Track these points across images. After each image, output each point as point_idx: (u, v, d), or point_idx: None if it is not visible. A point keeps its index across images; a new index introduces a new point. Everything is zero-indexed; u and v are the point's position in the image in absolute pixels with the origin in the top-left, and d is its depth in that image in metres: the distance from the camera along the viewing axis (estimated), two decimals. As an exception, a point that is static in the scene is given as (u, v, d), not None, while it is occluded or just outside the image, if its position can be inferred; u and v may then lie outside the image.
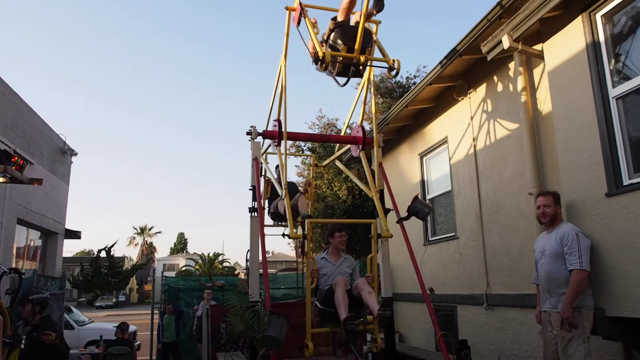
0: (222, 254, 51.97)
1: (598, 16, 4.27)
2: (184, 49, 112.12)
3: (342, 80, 5.61)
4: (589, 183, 4.23)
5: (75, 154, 12.94)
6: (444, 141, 7.55)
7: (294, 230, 5.41)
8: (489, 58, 5.39)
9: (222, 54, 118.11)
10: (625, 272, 3.85)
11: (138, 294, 58.82)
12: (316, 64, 5.11)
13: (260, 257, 5.96)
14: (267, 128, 6.64)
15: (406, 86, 18.20)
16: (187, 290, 11.88)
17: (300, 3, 5.37)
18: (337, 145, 8.03)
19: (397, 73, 5.37)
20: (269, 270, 6.16)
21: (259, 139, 6.42)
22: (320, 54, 4.88)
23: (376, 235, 5.56)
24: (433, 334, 7.31)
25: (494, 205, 6.24)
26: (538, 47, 5.06)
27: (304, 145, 18.36)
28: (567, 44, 4.53)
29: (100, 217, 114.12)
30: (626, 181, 3.94)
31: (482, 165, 6.54)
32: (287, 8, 5.88)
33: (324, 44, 5.40)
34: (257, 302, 5.58)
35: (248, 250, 6.21)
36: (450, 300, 7.24)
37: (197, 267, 45.64)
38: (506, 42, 4.89)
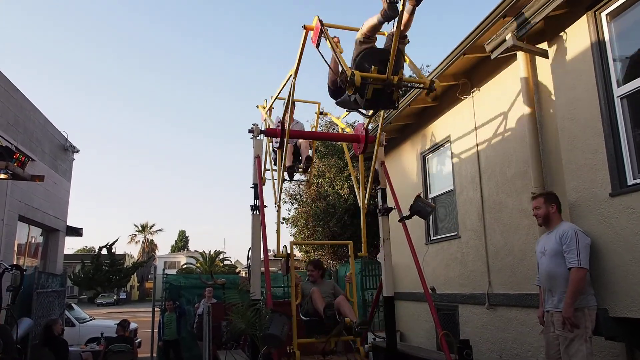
0: (223, 252, 52.06)
1: (603, 15, 4.25)
2: (185, 45, 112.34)
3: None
4: (593, 183, 4.21)
5: (77, 151, 12.92)
6: (447, 140, 7.53)
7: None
8: (492, 57, 5.37)
9: (224, 50, 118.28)
10: (629, 272, 3.84)
11: (139, 292, 58.91)
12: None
13: (262, 256, 5.96)
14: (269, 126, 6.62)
15: (409, 85, 18.15)
16: (188, 288, 11.88)
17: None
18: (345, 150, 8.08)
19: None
20: (270, 269, 6.16)
21: (261, 136, 6.41)
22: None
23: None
24: (434, 333, 7.29)
25: (496, 205, 6.22)
26: (542, 45, 5.03)
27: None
28: (572, 42, 4.51)
29: (101, 214, 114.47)
30: (630, 181, 3.92)
31: (484, 164, 6.52)
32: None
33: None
34: (258, 300, 5.57)
35: (250, 249, 6.20)
36: (452, 300, 7.22)
37: (198, 265, 45.67)
38: (510, 41, 4.87)
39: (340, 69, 4.66)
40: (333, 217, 15.17)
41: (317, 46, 4.94)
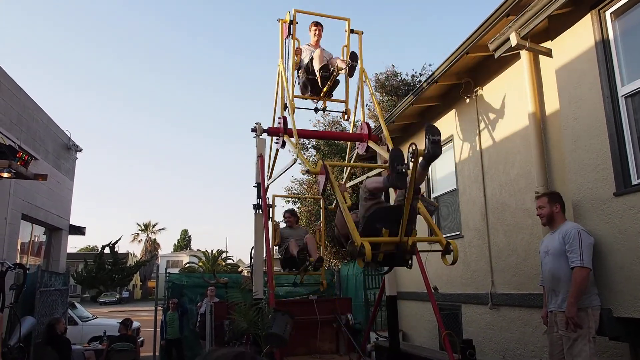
0: (226, 251, 52.11)
1: (607, 13, 4.23)
2: (185, 45, 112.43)
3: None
4: (597, 182, 4.19)
5: (80, 150, 12.93)
6: (450, 139, 7.51)
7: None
8: (496, 56, 5.35)
9: (224, 50, 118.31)
10: (633, 272, 3.82)
11: (141, 291, 58.97)
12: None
13: (265, 255, 5.96)
14: (272, 124, 6.62)
15: (412, 84, 18.15)
16: (191, 287, 11.88)
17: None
18: (348, 148, 8.05)
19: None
20: (273, 268, 6.17)
21: (264, 135, 6.41)
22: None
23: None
24: (437, 333, 7.29)
25: (499, 204, 6.20)
26: (546, 44, 5.01)
27: (308, 143, 18.35)
28: (576, 41, 4.49)
29: (102, 213, 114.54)
30: (635, 180, 3.90)
31: (487, 163, 6.50)
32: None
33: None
34: (261, 299, 5.57)
35: (252, 248, 6.19)
36: (455, 300, 7.20)
37: (201, 264, 45.69)
38: (514, 40, 4.84)
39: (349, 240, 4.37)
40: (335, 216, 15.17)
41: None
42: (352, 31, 6.97)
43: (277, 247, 7.71)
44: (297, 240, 7.37)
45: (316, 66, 6.41)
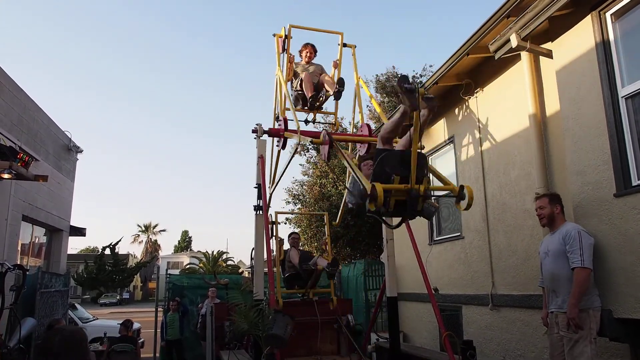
0: (226, 252, 52.06)
1: (608, 15, 4.23)
2: (186, 45, 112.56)
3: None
4: (598, 183, 4.20)
5: (81, 151, 12.94)
6: (450, 140, 7.52)
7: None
8: (496, 57, 5.35)
9: (224, 50, 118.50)
10: (634, 273, 3.82)
11: (142, 292, 58.95)
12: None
13: (265, 256, 5.96)
14: (273, 126, 6.64)
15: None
16: (191, 288, 11.89)
17: (285, 32, 5.24)
18: (349, 149, 8.04)
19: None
20: (273, 269, 6.17)
21: (265, 136, 6.42)
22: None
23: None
24: (438, 333, 7.29)
25: (500, 205, 6.20)
26: (547, 45, 5.01)
27: (309, 145, 18.33)
28: (576, 42, 4.49)
29: (102, 214, 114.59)
30: (635, 181, 3.90)
31: (488, 164, 6.50)
32: (274, 35, 6.94)
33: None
34: (261, 300, 5.58)
35: (253, 249, 6.20)
36: (455, 300, 7.20)
37: (201, 265, 45.69)
38: (514, 41, 4.85)
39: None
40: (336, 218, 15.16)
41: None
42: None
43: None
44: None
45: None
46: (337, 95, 6.71)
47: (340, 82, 6.55)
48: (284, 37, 6.87)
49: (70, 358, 2.31)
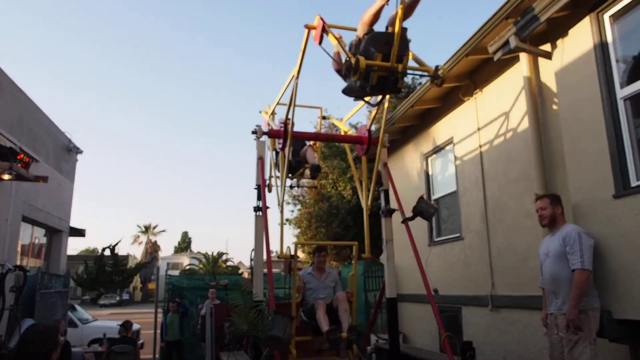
0: (226, 253, 52.05)
1: (606, 16, 4.25)
2: (186, 45, 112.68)
3: (365, 92, 4.84)
4: (596, 184, 4.20)
5: (81, 152, 12.95)
6: (450, 141, 7.52)
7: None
8: (495, 58, 5.36)
9: (224, 50, 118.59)
10: (633, 273, 3.83)
11: (142, 293, 58.90)
12: (347, 74, 4.44)
13: (265, 257, 5.96)
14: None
15: (412, 86, 18.16)
16: (191, 289, 11.90)
17: (321, 19, 4.87)
18: (348, 151, 8.06)
19: (442, 82, 4.60)
20: (273, 270, 6.17)
21: (264, 138, 6.42)
22: (353, 60, 4.17)
23: (357, 256, 6.38)
24: (437, 335, 7.28)
25: (499, 206, 6.21)
26: (545, 47, 5.02)
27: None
28: (575, 44, 4.51)
29: (102, 214, 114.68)
30: (634, 182, 3.91)
31: (487, 165, 6.51)
32: (306, 26, 5.29)
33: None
34: (261, 301, 5.57)
35: (252, 250, 6.20)
36: (455, 302, 7.20)
37: (201, 266, 45.66)
38: (513, 42, 4.86)
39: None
40: (336, 219, 15.17)
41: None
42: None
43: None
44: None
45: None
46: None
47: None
48: (322, 25, 5.25)
49: (39, 346, 2.97)
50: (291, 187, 7.58)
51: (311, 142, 7.32)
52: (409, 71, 4.55)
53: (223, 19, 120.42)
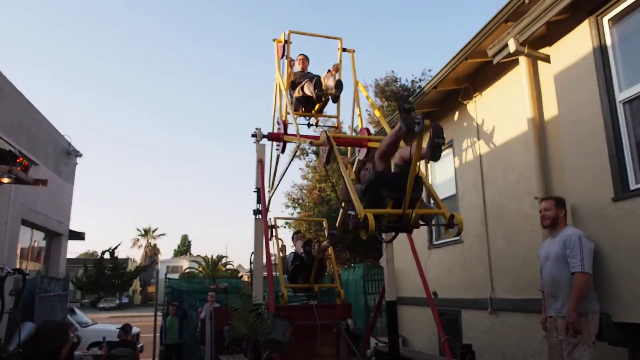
0: (226, 256, 52.03)
1: (605, 20, 4.26)
2: (186, 45, 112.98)
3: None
4: (596, 188, 4.20)
5: (80, 155, 12.95)
6: (449, 145, 7.53)
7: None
8: (495, 62, 5.37)
9: (224, 50, 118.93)
10: (632, 277, 3.83)
11: (141, 296, 58.83)
12: (354, 230, 4.27)
13: (265, 260, 5.96)
14: (272, 130, 6.65)
15: (411, 90, 18.20)
16: (191, 293, 11.88)
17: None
18: (348, 153, 8.05)
19: (459, 232, 4.27)
20: (272, 273, 6.16)
21: (264, 140, 6.42)
22: (360, 215, 3.88)
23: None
24: (437, 338, 7.28)
25: (499, 210, 6.21)
26: (544, 50, 5.03)
27: (309, 149, 18.37)
28: (574, 47, 4.51)
29: (102, 215, 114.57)
30: (633, 186, 3.91)
31: (487, 169, 6.51)
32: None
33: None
34: (260, 304, 5.57)
35: (252, 253, 6.19)
36: (455, 305, 7.20)
37: (201, 269, 45.64)
38: (512, 46, 4.87)
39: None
40: (335, 222, 15.16)
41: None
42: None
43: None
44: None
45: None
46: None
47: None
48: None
49: (51, 340, 3.22)
50: (309, 125, 7.18)
51: (331, 68, 7.18)
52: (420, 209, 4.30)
53: (223, 19, 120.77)
